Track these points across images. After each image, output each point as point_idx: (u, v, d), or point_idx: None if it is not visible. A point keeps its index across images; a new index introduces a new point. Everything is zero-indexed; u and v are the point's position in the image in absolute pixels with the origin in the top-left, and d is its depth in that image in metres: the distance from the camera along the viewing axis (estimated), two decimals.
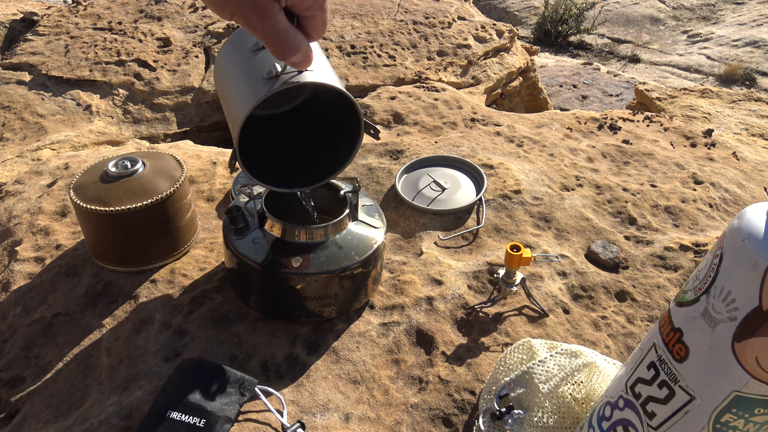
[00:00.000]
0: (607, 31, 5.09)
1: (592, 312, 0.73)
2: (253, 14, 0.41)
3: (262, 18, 0.41)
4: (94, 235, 0.73)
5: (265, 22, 0.41)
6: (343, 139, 0.61)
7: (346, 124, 0.60)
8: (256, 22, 0.41)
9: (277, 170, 0.62)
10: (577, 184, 0.99)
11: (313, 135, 0.66)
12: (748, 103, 1.53)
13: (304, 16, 0.44)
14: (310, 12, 0.43)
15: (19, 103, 1.36)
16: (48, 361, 0.66)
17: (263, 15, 0.41)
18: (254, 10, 0.40)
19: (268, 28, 0.41)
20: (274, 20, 0.41)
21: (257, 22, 0.41)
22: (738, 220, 0.34)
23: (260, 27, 0.41)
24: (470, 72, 1.60)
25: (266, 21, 0.41)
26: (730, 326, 0.33)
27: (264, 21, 0.41)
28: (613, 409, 0.44)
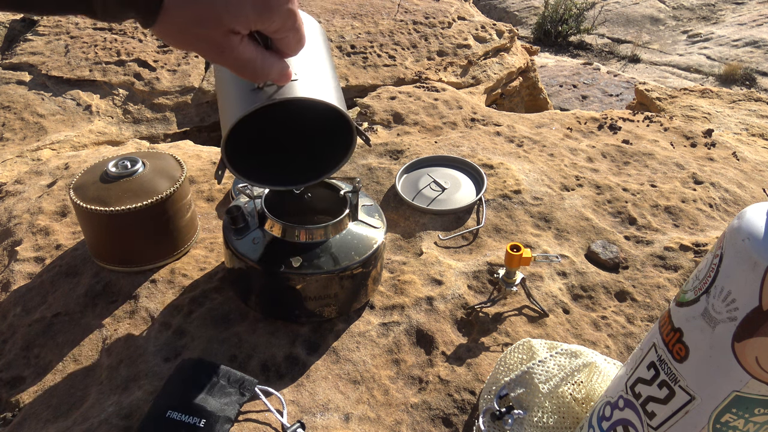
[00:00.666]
0: (607, 31, 5.09)
1: (592, 312, 0.73)
2: (210, 51, 0.40)
3: (221, 53, 0.40)
4: (94, 235, 0.73)
5: (225, 56, 0.40)
6: (337, 142, 0.61)
7: (339, 129, 0.60)
8: (216, 57, 0.40)
9: (269, 169, 0.62)
10: (577, 184, 0.99)
11: (308, 136, 0.66)
12: (748, 103, 1.53)
13: (275, 38, 0.43)
14: (280, 35, 0.42)
15: (19, 103, 1.36)
16: (48, 361, 0.66)
17: (222, 51, 0.40)
18: (210, 47, 0.40)
19: (230, 61, 0.41)
20: (234, 54, 0.40)
21: (217, 57, 0.40)
22: (738, 220, 0.34)
23: (222, 61, 0.41)
24: (470, 72, 1.60)
25: (226, 55, 0.40)
26: (730, 326, 0.33)
27: (224, 55, 0.40)
28: (613, 409, 0.44)
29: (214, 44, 0.39)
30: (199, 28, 0.38)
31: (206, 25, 0.38)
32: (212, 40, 0.39)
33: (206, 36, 0.39)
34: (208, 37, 0.39)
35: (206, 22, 0.38)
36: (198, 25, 0.38)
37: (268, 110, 0.52)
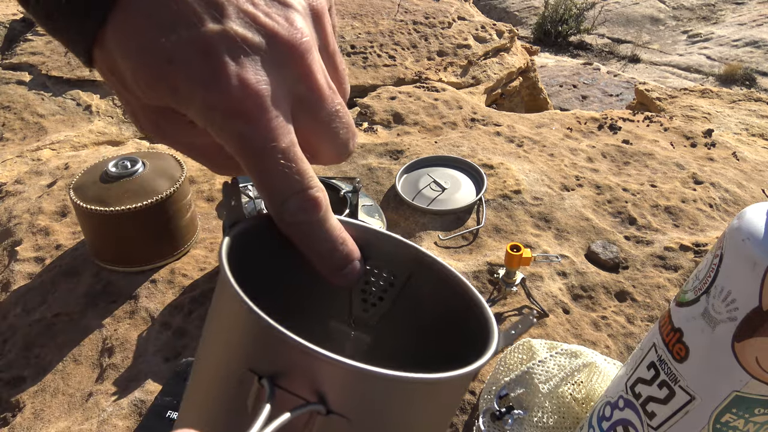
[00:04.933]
0: (607, 31, 5.09)
1: (592, 312, 0.73)
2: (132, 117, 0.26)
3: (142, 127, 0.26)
4: (94, 235, 0.73)
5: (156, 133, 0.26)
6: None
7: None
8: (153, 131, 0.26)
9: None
10: (577, 184, 0.99)
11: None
12: (748, 103, 1.53)
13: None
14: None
15: (19, 103, 1.36)
16: (48, 361, 0.66)
17: (137, 123, 0.26)
18: (130, 111, 0.26)
19: (176, 147, 0.27)
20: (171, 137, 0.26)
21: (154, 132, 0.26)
22: (738, 220, 0.34)
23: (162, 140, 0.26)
24: (470, 72, 1.60)
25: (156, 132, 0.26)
26: (730, 326, 0.33)
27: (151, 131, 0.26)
28: (613, 409, 0.44)
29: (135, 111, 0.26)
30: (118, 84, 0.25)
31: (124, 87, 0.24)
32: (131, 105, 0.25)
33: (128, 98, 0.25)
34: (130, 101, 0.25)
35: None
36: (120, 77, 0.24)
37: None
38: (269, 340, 0.22)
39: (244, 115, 0.22)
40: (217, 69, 0.22)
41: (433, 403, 0.26)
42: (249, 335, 0.23)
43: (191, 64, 0.22)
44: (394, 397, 0.24)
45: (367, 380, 0.22)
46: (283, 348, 0.22)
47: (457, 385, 0.27)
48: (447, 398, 0.27)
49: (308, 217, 0.25)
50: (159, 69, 0.22)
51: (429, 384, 0.23)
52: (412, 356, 0.32)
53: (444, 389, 0.26)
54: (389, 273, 0.32)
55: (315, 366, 0.21)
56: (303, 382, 0.22)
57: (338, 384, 0.22)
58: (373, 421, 0.24)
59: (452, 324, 0.31)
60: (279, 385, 0.22)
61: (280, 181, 0.24)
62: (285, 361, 0.22)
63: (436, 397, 0.26)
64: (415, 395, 0.25)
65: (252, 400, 0.23)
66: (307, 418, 0.22)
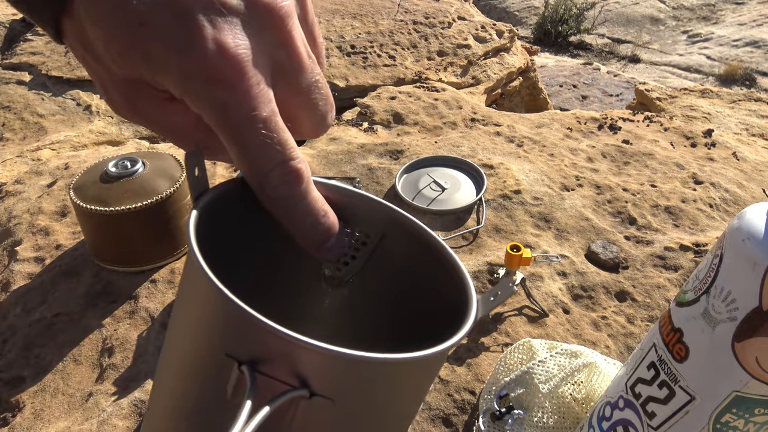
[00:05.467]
0: (607, 31, 5.09)
1: (592, 312, 0.73)
2: (98, 86, 0.24)
3: (110, 101, 0.24)
4: (94, 235, 0.73)
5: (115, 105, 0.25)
6: None
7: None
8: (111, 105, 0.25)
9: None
10: (577, 184, 0.99)
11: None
12: (748, 103, 1.53)
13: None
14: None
15: (19, 103, 1.36)
16: (48, 361, 0.66)
17: (108, 98, 0.24)
18: (96, 79, 0.24)
19: (139, 120, 0.25)
20: (137, 107, 0.25)
21: (112, 106, 0.25)
22: (738, 220, 0.34)
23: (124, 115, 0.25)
24: (470, 72, 1.60)
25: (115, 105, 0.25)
26: (730, 326, 0.33)
27: (114, 105, 0.25)
28: (613, 409, 0.44)
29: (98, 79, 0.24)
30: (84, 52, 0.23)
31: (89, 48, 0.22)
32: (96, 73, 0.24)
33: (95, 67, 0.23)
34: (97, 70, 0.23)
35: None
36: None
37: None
38: (246, 327, 0.21)
39: (223, 82, 0.21)
40: (193, 32, 0.21)
41: (416, 376, 0.26)
42: (225, 321, 0.23)
43: (166, 27, 0.21)
44: (377, 376, 0.24)
45: (348, 363, 0.22)
46: (261, 334, 0.21)
47: (438, 358, 0.27)
48: (429, 370, 0.27)
49: (290, 189, 0.24)
50: (131, 33, 0.21)
51: (410, 363, 0.23)
52: (392, 321, 0.32)
53: (425, 364, 0.26)
54: (362, 232, 0.31)
55: (295, 351, 0.21)
56: (284, 367, 0.21)
57: (320, 368, 0.22)
58: (357, 399, 0.24)
59: (430, 287, 0.30)
60: (259, 370, 0.21)
61: (262, 152, 0.23)
62: (264, 346, 0.21)
63: (418, 370, 0.26)
64: (398, 373, 0.25)
65: (232, 386, 0.22)
66: (290, 402, 0.22)
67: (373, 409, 0.25)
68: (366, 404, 0.25)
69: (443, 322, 0.26)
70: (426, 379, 0.28)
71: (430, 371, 0.28)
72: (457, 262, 0.29)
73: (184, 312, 0.26)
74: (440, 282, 0.29)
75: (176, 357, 0.27)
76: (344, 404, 0.23)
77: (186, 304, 0.26)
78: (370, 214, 0.31)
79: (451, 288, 0.28)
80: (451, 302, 0.28)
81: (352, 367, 0.22)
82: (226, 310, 0.22)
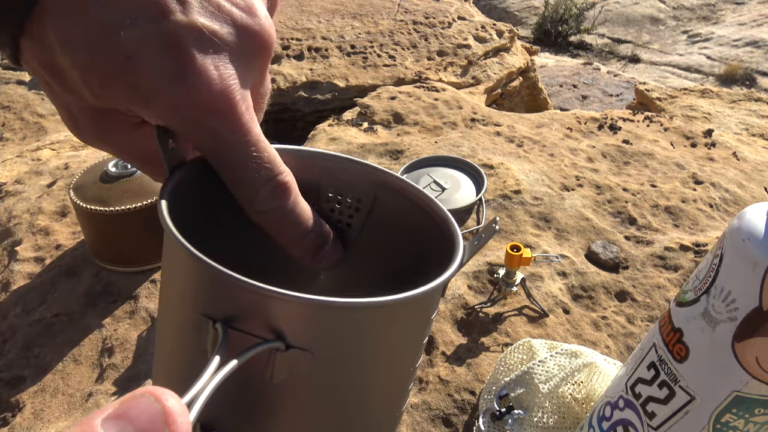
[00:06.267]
0: (607, 31, 5.09)
1: (592, 312, 0.73)
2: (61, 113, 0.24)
3: (74, 126, 0.24)
4: (94, 235, 0.73)
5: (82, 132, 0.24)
6: None
7: None
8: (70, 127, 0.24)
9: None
10: (577, 184, 0.99)
11: None
12: (748, 103, 1.53)
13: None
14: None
15: (19, 103, 1.36)
16: (48, 361, 0.66)
17: (73, 122, 0.24)
18: (59, 105, 0.24)
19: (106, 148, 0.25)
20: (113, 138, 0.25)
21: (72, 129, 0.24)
22: (738, 220, 0.34)
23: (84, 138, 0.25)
24: (470, 72, 1.60)
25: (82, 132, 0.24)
26: (731, 326, 0.33)
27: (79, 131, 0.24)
28: (613, 409, 0.44)
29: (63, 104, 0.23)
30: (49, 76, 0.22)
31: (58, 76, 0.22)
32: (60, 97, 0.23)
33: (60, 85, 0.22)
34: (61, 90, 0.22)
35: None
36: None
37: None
38: (216, 283, 0.22)
39: (215, 112, 0.22)
40: (185, 65, 0.21)
41: (399, 325, 0.25)
42: (197, 281, 0.23)
43: (156, 59, 0.20)
44: (354, 324, 0.23)
45: (319, 311, 0.21)
46: (230, 289, 0.21)
47: (422, 302, 0.26)
48: (415, 318, 0.26)
49: (280, 202, 0.25)
50: (116, 66, 0.20)
51: (387, 306, 0.22)
52: (392, 282, 0.31)
53: (407, 308, 0.25)
54: (353, 198, 0.31)
55: (264, 303, 0.21)
56: (257, 321, 0.21)
57: (291, 318, 0.21)
58: (337, 351, 0.23)
59: (422, 243, 0.30)
60: (234, 327, 0.21)
61: (252, 172, 0.24)
62: (235, 302, 0.21)
63: (402, 317, 0.25)
64: (377, 320, 0.24)
65: (210, 344, 0.22)
66: (268, 356, 0.22)
67: (358, 362, 0.25)
68: (348, 356, 0.24)
69: (435, 272, 0.25)
70: (413, 327, 0.27)
71: (417, 317, 0.26)
72: (445, 213, 0.29)
73: (165, 279, 0.26)
74: (431, 236, 0.29)
75: (163, 323, 0.27)
76: (324, 356, 0.23)
77: (165, 272, 0.26)
78: (358, 177, 0.31)
79: (441, 241, 0.28)
80: (441, 252, 0.28)
81: (325, 315, 0.22)
82: (197, 269, 0.22)
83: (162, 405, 0.14)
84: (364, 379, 0.26)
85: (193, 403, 0.18)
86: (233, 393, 0.23)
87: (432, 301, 0.27)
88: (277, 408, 0.24)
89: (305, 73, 1.47)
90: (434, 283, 0.23)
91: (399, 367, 0.28)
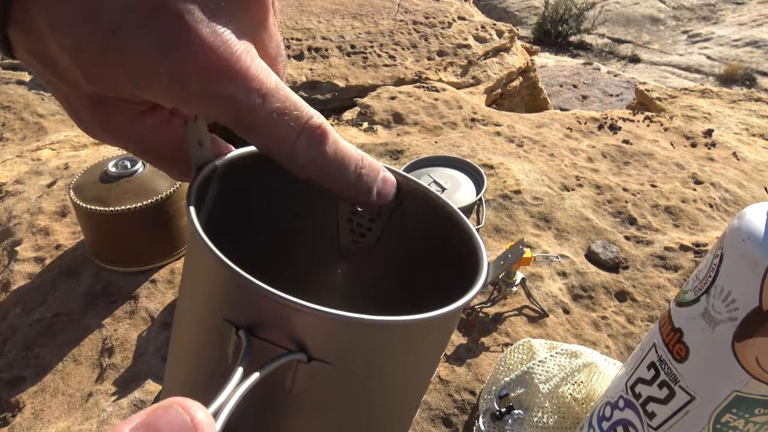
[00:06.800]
0: (607, 31, 5.09)
1: (592, 312, 0.73)
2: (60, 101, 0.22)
3: (73, 114, 0.22)
4: (94, 235, 0.73)
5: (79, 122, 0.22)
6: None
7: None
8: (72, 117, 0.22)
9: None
10: (577, 184, 0.99)
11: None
12: (748, 103, 1.53)
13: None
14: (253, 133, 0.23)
15: (19, 103, 1.36)
16: (48, 361, 0.66)
17: (72, 111, 0.22)
18: (58, 96, 0.22)
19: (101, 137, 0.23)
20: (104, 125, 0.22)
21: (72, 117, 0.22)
22: (738, 220, 0.34)
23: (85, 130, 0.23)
24: (470, 72, 1.60)
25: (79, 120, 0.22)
26: (731, 326, 0.33)
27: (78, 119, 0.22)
28: (613, 409, 0.44)
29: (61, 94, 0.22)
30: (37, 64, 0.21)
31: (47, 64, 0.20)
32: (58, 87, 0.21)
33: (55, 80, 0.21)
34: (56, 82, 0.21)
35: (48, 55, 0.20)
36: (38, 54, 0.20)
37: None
38: (242, 291, 0.21)
39: (221, 75, 0.20)
40: (176, 29, 0.19)
41: (422, 343, 0.25)
42: (222, 286, 0.22)
43: (144, 28, 0.18)
44: (378, 340, 0.23)
45: (343, 326, 0.21)
46: (255, 298, 0.21)
47: (446, 321, 0.26)
48: (437, 335, 0.26)
49: (320, 149, 0.23)
50: (103, 42, 0.18)
51: (412, 325, 0.22)
52: (407, 290, 0.31)
53: (432, 327, 0.25)
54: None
55: (289, 314, 0.21)
56: (281, 331, 0.21)
57: (315, 331, 0.21)
58: (358, 365, 0.23)
59: (442, 254, 0.29)
60: (257, 335, 0.21)
61: (282, 125, 0.21)
62: (260, 311, 0.21)
63: (424, 335, 0.25)
64: (401, 337, 0.23)
65: (231, 350, 0.22)
66: (289, 367, 0.21)
67: (378, 377, 0.24)
68: (369, 371, 0.24)
69: (457, 288, 0.25)
70: (435, 344, 0.26)
71: (439, 335, 0.26)
72: (468, 225, 0.28)
73: (187, 281, 0.26)
74: (452, 248, 0.28)
75: (182, 325, 0.27)
76: (346, 370, 0.22)
77: (188, 273, 0.25)
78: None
79: (463, 252, 0.27)
80: (463, 268, 0.27)
81: (349, 330, 0.22)
82: (222, 274, 0.22)
83: (191, 417, 0.14)
84: (384, 393, 0.26)
85: (218, 414, 0.18)
86: (253, 402, 0.22)
87: (454, 319, 0.26)
88: (296, 419, 0.24)
89: (305, 73, 1.47)
90: (458, 304, 0.23)
91: (418, 381, 0.28)
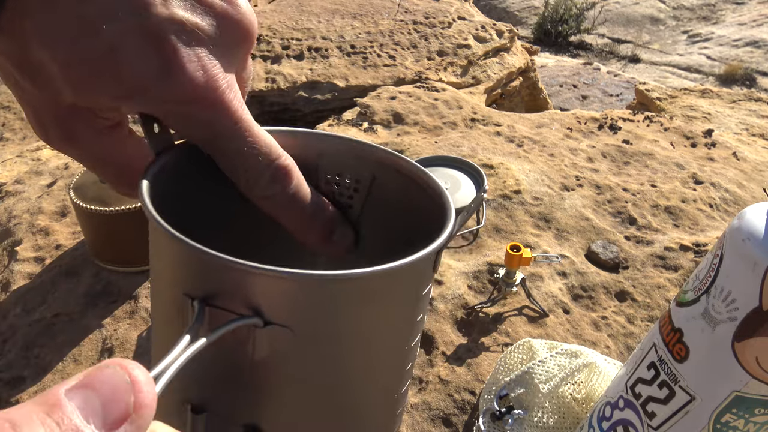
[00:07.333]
0: (607, 31, 5.09)
1: (592, 312, 0.73)
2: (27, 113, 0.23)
3: (41, 129, 0.23)
4: (94, 235, 0.73)
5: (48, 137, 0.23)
6: None
7: None
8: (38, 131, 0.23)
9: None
10: (577, 184, 0.99)
11: None
12: (748, 103, 1.53)
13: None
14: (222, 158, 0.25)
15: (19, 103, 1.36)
16: (48, 361, 0.66)
17: (41, 126, 0.23)
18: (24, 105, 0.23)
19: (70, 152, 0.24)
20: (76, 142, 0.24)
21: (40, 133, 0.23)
22: (738, 220, 0.34)
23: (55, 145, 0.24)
24: (470, 72, 1.60)
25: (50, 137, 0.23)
26: (731, 326, 0.33)
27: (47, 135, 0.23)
28: (613, 409, 0.44)
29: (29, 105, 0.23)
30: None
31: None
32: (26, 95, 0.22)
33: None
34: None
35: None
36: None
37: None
38: (191, 260, 0.21)
39: (205, 103, 0.22)
40: (169, 57, 0.21)
41: (382, 301, 0.24)
42: (176, 260, 0.22)
43: (139, 52, 0.20)
44: (335, 299, 0.22)
45: (292, 285, 0.21)
46: (208, 267, 0.21)
47: (407, 274, 0.24)
48: (399, 291, 0.25)
49: (282, 186, 0.25)
50: (100, 59, 0.20)
51: (363, 279, 0.21)
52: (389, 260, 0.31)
53: (392, 281, 0.24)
54: (352, 178, 0.31)
55: (241, 279, 0.20)
56: (235, 297, 0.21)
57: (269, 294, 0.21)
58: (318, 327, 0.22)
59: (420, 221, 0.29)
60: (212, 304, 0.21)
61: (251, 158, 0.23)
62: (214, 279, 0.21)
63: (387, 291, 0.24)
64: (355, 294, 0.22)
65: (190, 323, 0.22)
66: (248, 333, 0.21)
67: (342, 339, 0.23)
68: (330, 333, 0.23)
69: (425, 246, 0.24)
70: (399, 302, 0.25)
71: (402, 290, 0.25)
72: (439, 186, 0.28)
73: (152, 263, 0.26)
74: (428, 212, 0.28)
75: (153, 307, 0.27)
76: (305, 333, 0.22)
77: (151, 255, 0.26)
78: (357, 157, 0.30)
79: (435, 213, 0.27)
80: (437, 230, 0.27)
81: (302, 289, 0.21)
82: (174, 247, 0.22)
83: (129, 375, 0.14)
84: (349, 356, 0.25)
85: (159, 377, 0.18)
86: (219, 372, 0.22)
87: (418, 275, 0.25)
88: (264, 386, 0.23)
89: (305, 73, 1.47)
90: (415, 256, 0.23)
91: (388, 345, 0.27)
